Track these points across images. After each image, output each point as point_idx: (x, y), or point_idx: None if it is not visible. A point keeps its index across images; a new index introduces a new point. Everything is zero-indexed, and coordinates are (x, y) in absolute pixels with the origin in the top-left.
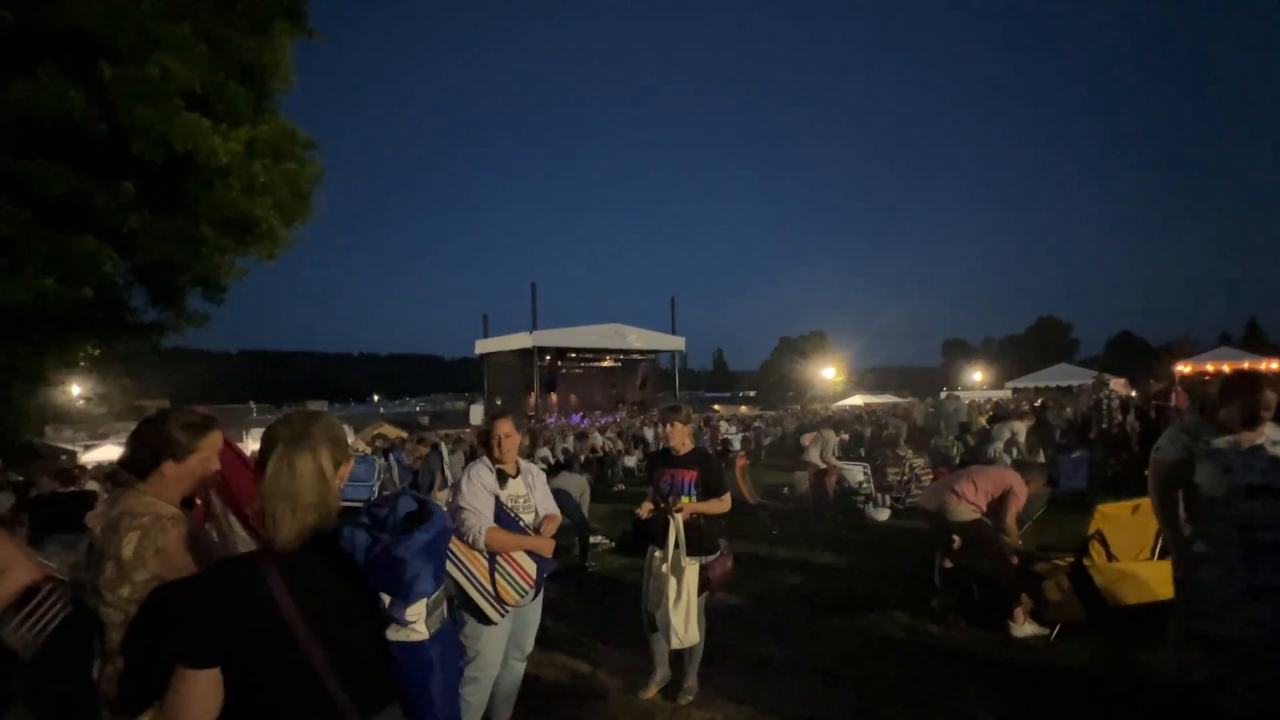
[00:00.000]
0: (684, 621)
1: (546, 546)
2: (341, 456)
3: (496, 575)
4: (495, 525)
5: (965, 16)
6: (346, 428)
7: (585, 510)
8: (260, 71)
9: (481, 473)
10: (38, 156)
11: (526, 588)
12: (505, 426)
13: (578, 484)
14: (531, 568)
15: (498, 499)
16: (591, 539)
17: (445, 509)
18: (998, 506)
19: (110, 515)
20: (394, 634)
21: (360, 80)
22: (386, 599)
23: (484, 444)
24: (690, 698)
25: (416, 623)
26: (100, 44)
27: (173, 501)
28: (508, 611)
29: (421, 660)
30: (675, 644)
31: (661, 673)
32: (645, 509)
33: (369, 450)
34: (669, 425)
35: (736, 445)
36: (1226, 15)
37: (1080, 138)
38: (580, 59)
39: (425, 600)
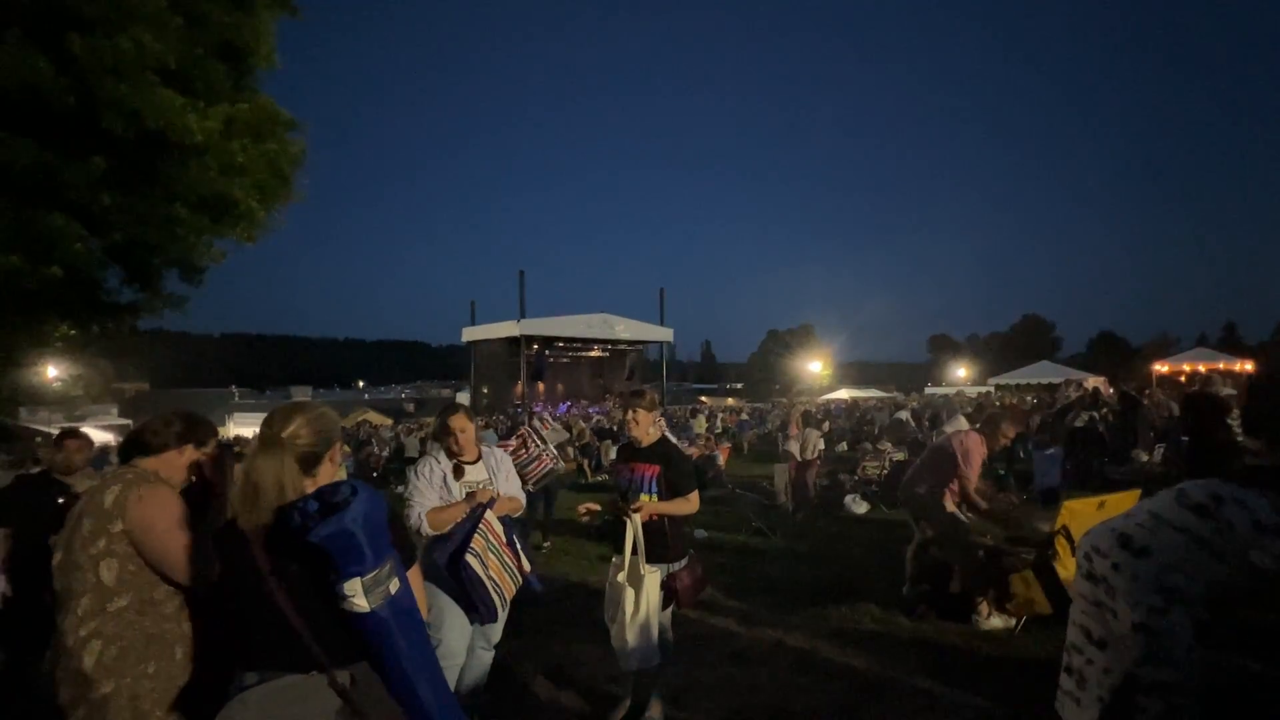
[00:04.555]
0: (642, 640)
1: (485, 495)
2: (319, 454)
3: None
4: (434, 508)
5: (954, 17)
6: None
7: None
8: (241, 49)
9: (429, 465)
10: (1, 128)
11: (499, 548)
12: (459, 422)
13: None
14: (499, 528)
15: (450, 487)
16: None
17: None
18: (953, 479)
19: (95, 485)
20: (340, 603)
21: (350, 62)
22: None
23: (440, 437)
24: None
25: (355, 597)
26: (69, 14)
27: (172, 480)
28: (507, 599)
29: (370, 629)
30: (630, 665)
31: (629, 699)
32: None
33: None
34: (630, 411)
35: (720, 461)
36: (1208, 20)
37: (1066, 140)
38: (572, 49)
39: (359, 579)
